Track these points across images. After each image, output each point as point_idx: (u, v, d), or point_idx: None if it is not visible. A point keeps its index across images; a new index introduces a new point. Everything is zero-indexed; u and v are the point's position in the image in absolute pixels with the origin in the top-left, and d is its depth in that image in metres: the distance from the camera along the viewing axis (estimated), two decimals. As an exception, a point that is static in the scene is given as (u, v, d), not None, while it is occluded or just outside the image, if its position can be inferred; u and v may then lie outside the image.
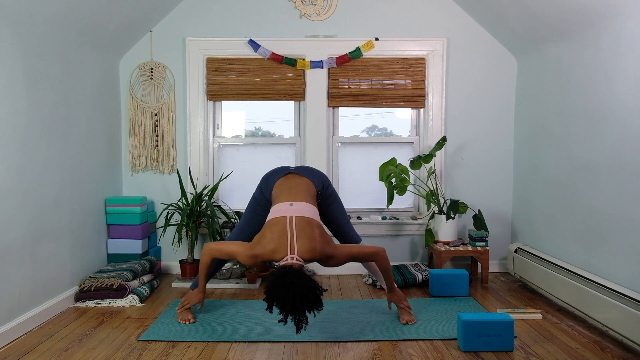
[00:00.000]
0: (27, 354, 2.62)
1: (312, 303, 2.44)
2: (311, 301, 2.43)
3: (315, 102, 4.22)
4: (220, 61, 4.21)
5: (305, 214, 2.73)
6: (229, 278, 3.93)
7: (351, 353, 2.65)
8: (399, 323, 3.04)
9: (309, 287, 2.45)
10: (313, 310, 2.46)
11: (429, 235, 4.06)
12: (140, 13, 3.86)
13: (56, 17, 3.11)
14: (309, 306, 2.43)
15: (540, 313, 3.19)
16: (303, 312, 2.42)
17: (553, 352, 2.65)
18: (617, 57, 2.89)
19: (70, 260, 3.41)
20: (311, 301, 2.43)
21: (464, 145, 4.29)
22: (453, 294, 3.59)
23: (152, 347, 2.71)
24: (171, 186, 4.24)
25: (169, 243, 4.20)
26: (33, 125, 3.01)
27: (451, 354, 2.62)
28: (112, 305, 3.37)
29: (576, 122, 3.31)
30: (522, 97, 4.15)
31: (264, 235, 2.68)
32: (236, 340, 2.79)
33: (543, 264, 3.50)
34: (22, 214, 2.90)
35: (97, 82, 3.81)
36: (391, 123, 4.51)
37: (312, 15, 4.20)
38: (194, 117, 4.21)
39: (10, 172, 2.81)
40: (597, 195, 3.07)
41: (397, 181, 3.94)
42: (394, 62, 4.24)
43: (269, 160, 4.28)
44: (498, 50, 4.24)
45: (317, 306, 2.47)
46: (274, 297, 2.43)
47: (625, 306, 2.64)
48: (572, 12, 3.13)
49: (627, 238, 2.80)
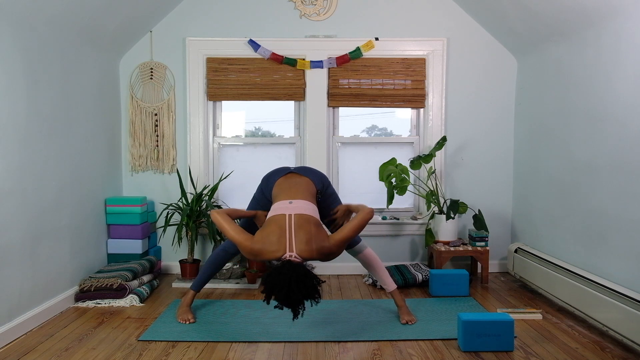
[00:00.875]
0: (27, 354, 2.62)
1: (309, 289, 2.43)
2: (308, 287, 2.43)
3: (315, 102, 4.22)
4: (220, 61, 4.21)
5: (304, 211, 2.73)
6: (229, 278, 3.93)
7: (351, 353, 2.65)
8: (399, 323, 3.04)
9: (305, 273, 2.46)
10: (310, 298, 2.45)
11: (429, 235, 4.06)
12: (140, 13, 3.87)
13: (56, 17, 3.11)
14: (305, 291, 2.42)
15: (540, 313, 3.19)
16: (299, 297, 2.41)
17: (553, 352, 2.65)
18: (617, 57, 2.89)
19: (70, 260, 3.41)
20: (308, 287, 2.43)
21: (464, 145, 4.29)
22: (453, 294, 3.59)
23: (152, 347, 2.71)
24: (171, 186, 4.24)
25: (169, 243, 4.20)
26: (33, 125, 3.01)
27: (451, 354, 2.62)
28: (112, 305, 3.37)
29: (576, 122, 3.31)
30: (522, 97, 4.15)
31: (267, 235, 2.66)
32: (236, 340, 2.79)
33: (543, 264, 3.50)
34: (22, 214, 2.90)
35: (97, 82, 3.81)
36: (391, 123, 4.51)
37: (312, 15, 4.20)
38: (194, 117, 4.21)
39: (10, 172, 2.81)
40: (597, 195, 3.07)
41: (397, 181, 3.94)
42: (394, 62, 4.24)
43: (269, 160, 4.28)
44: (498, 50, 4.24)
45: (314, 293, 2.46)
46: (270, 284, 2.44)
47: (625, 306, 2.64)
48: (572, 12, 3.13)
49: (627, 238, 2.80)
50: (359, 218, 2.72)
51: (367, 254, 3.13)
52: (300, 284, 2.41)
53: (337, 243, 2.65)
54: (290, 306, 2.44)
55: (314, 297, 2.47)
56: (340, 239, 2.66)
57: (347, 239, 2.68)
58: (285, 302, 2.43)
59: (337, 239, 2.66)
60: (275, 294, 2.43)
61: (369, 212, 2.74)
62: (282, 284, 2.40)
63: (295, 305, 2.44)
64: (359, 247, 3.12)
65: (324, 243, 2.62)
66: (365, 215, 2.73)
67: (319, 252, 2.60)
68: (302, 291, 2.42)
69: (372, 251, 3.16)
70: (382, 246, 4.25)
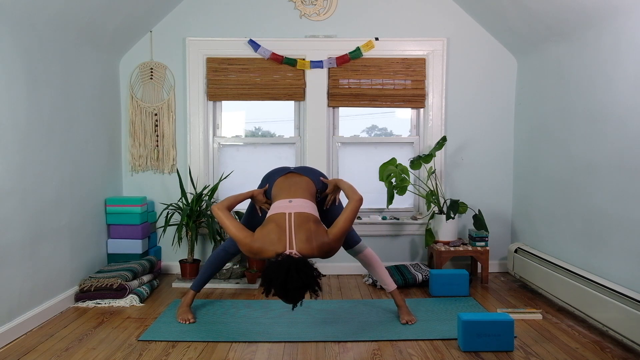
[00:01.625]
0: (27, 354, 2.62)
1: (308, 278, 2.42)
2: (307, 276, 2.42)
3: (315, 102, 4.22)
4: (220, 61, 4.21)
5: (303, 209, 2.74)
6: (229, 278, 3.93)
7: (351, 353, 2.65)
8: (399, 323, 3.04)
9: (304, 263, 2.46)
10: (309, 288, 2.44)
11: (429, 235, 4.06)
12: (140, 13, 3.87)
13: (56, 17, 3.11)
14: (304, 279, 2.41)
15: (540, 313, 3.19)
16: (298, 284, 2.39)
17: (553, 352, 2.65)
18: (617, 57, 2.89)
19: (70, 260, 3.41)
20: (307, 276, 2.42)
21: (464, 145, 4.29)
22: (453, 294, 3.59)
23: (152, 347, 2.71)
24: (171, 186, 4.24)
25: (169, 243, 4.20)
26: (33, 126, 3.01)
27: (451, 354, 2.62)
28: (112, 305, 3.37)
29: (576, 122, 3.31)
30: (522, 97, 4.15)
31: (267, 233, 2.66)
32: (236, 340, 2.79)
33: (543, 264, 3.50)
34: (22, 214, 2.90)
35: (97, 82, 3.81)
36: (391, 123, 4.51)
37: (312, 15, 4.20)
38: (194, 117, 4.21)
39: (10, 172, 2.81)
40: (597, 195, 3.07)
41: (397, 181, 3.94)
42: (394, 62, 4.24)
43: (269, 161, 4.28)
44: (498, 50, 4.24)
45: (312, 282, 2.44)
46: (268, 274, 2.43)
47: (625, 306, 2.64)
48: (572, 12, 3.13)
49: (627, 238, 2.80)
50: (351, 208, 2.74)
51: (367, 254, 3.13)
52: (299, 271, 2.40)
53: (336, 237, 2.67)
54: (289, 295, 2.41)
55: (313, 288, 2.45)
56: (338, 232, 2.68)
57: (344, 231, 2.70)
58: (283, 290, 2.41)
59: (335, 232, 2.68)
60: (274, 283, 2.41)
61: (359, 200, 2.77)
62: (280, 271, 2.39)
63: (294, 293, 2.41)
64: (358, 247, 3.12)
65: (323, 239, 2.63)
66: (356, 203, 2.75)
67: (319, 249, 2.60)
68: (301, 278, 2.40)
69: (372, 251, 3.16)
70: (382, 246, 4.25)
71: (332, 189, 3.08)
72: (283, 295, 2.44)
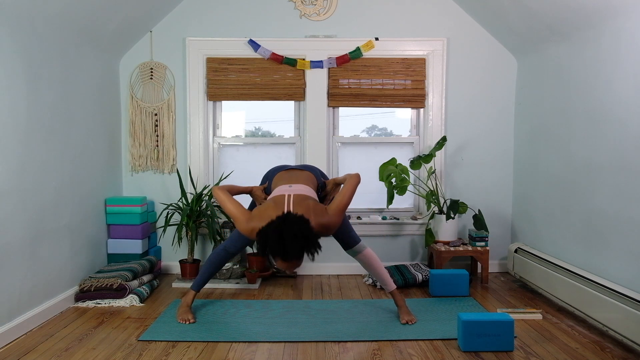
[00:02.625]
0: (27, 354, 2.61)
1: (306, 229, 2.36)
2: (306, 227, 2.36)
3: (315, 102, 4.22)
4: (220, 61, 4.21)
5: (302, 192, 2.74)
6: (229, 278, 3.93)
7: (351, 353, 2.65)
8: (399, 323, 3.04)
9: (300, 217, 2.41)
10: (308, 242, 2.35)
11: (429, 235, 4.06)
12: (140, 13, 3.86)
13: (56, 17, 3.11)
14: (303, 229, 2.34)
15: (540, 313, 3.19)
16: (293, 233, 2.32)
17: (553, 352, 2.65)
18: (617, 57, 2.89)
19: (70, 260, 3.41)
20: (306, 227, 2.36)
21: (464, 145, 4.29)
22: (453, 294, 3.59)
23: (152, 347, 2.71)
24: (171, 186, 4.24)
25: (169, 243, 4.20)
26: (33, 126, 3.01)
27: (451, 354, 2.62)
28: (112, 305, 3.37)
29: (576, 122, 3.31)
30: (522, 97, 4.15)
31: (264, 210, 2.63)
32: (236, 340, 2.79)
33: (543, 264, 3.50)
34: (22, 214, 2.90)
35: (97, 82, 3.81)
36: (391, 123, 4.51)
37: (312, 15, 4.20)
38: (194, 117, 4.21)
39: (10, 172, 2.81)
40: (598, 195, 3.07)
41: (397, 181, 3.94)
42: (394, 62, 4.24)
43: (269, 160, 4.27)
44: (498, 50, 4.24)
45: (310, 234, 2.37)
46: (266, 228, 2.37)
47: (625, 306, 2.64)
48: (572, 12, 3.13)
49: (627, 238, 2.80)
50: (350, 183, 2.77)
51: (366, 254, 3.13)
52: (296, 222, 2.36)
53: (335, 212, 2.67)
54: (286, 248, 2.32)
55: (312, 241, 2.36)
56: (337, 206, 2.68)
57: (344, 206, 2.70)
58: (279, 241, 2.31)
59: (334, 207, 2.68)
60: (270, 236, 2.33)
61: (357, 176, 2.84)
62: (277, 222, 2.35)
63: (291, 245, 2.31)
64: (358, 247, 3.11)
65: (323, 215, 2.62)
66: (354, 178, 2.80)
67: (318, 225, 2.57)
68: (299, 228, 2.33)
69: (371, 251, 3.16)
70: (382, 246, 4.25)
71: (331, 187, 3.12)
72: (280, 249, 2.33)
